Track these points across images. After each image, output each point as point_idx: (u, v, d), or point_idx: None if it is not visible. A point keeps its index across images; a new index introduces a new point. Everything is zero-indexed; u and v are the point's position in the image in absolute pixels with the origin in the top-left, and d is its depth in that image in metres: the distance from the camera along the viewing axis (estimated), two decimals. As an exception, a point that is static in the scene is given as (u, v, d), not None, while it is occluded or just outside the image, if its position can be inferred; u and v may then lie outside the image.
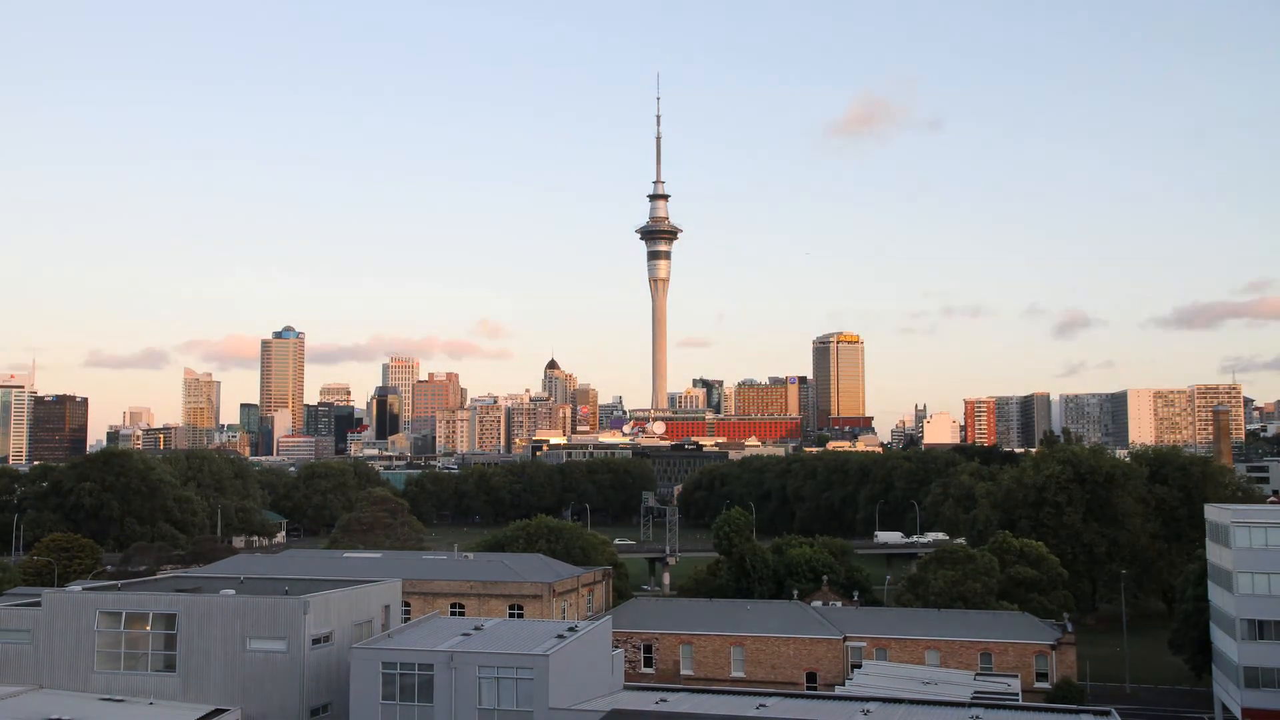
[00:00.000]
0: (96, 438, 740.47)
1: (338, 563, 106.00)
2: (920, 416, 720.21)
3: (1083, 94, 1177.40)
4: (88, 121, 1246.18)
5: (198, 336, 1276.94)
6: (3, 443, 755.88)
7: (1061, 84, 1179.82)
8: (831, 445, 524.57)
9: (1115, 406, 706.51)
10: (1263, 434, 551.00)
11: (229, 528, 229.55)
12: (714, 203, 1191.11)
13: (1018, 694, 77.10)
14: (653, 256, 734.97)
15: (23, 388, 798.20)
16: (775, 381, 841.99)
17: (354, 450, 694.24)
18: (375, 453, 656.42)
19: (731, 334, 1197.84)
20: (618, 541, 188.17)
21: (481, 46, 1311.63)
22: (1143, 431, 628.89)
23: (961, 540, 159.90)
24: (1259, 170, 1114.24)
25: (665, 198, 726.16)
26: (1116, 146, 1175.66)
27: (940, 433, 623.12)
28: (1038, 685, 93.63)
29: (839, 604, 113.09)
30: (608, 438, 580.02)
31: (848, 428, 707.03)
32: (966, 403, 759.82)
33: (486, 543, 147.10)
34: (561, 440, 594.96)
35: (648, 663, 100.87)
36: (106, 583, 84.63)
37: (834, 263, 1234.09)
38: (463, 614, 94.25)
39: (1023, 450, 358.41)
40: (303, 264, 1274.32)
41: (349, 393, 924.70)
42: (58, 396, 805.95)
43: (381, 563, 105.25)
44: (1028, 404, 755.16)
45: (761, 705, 60.22)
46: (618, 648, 75.41)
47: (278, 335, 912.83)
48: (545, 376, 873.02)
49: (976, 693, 73.42)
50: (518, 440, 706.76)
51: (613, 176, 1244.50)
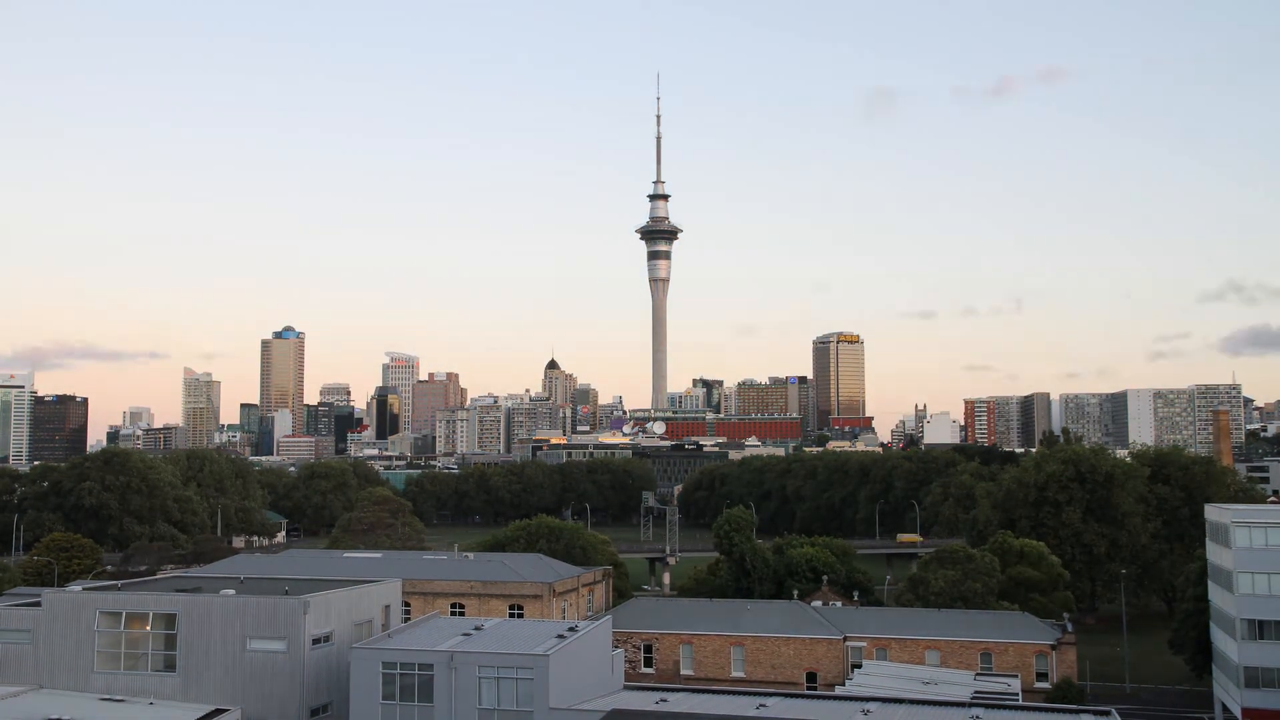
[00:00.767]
0: (96, 438, 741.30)
1: (338, 563, 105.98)
2: (920, 416, 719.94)
3: (1096, 86, 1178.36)
4: (88, 121, 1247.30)
5: (198, 336, 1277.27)
6: (3, 443, 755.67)
7: (1068, 79, 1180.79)
8: (831, 445, 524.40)
9: (1115, 406, 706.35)
10: (1263, 434, 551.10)
11: (229, 528, 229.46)
12: (714, 203, 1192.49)
13: (1018, 694, 77.06)
14: (653, 256, 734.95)
15: (23, 388, 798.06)
16: (775, 381, 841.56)
17: (354, 450, 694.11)
18: (375, 453, 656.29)
19: (731, 334, 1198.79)
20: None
21: (481, 46, 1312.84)
22: (1143, 431, 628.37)
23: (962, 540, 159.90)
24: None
25: (665, 198, 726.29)
26: (1120, 147, 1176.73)
27: (940, 433, 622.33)
28: (1038, 685, 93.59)
29: (839, 604, 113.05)
30: (608, 438, 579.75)
31: (848, 428, 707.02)
32: (966, 403, 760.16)
33: (486, 543, 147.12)
34: (561, 440, 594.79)
35: (648, 663, 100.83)
36: (106, 583, 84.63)
37: (834, 262, 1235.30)
38: (463, 614, 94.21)
39: (1023, 450, 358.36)
40: (303, 263, 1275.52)
41: (349, 393, 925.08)
42: (58, 396, 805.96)
43: (381, 563, 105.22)
44: (1028, 404, 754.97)
45: (761, 705, 60.19)
46: (618, 648, 75.40)
47: (278, 335, 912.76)
48: (545, 376, 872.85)
49: (976, 693, 73.38)
50: (518, 440, 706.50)
51: (613, 176, 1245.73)
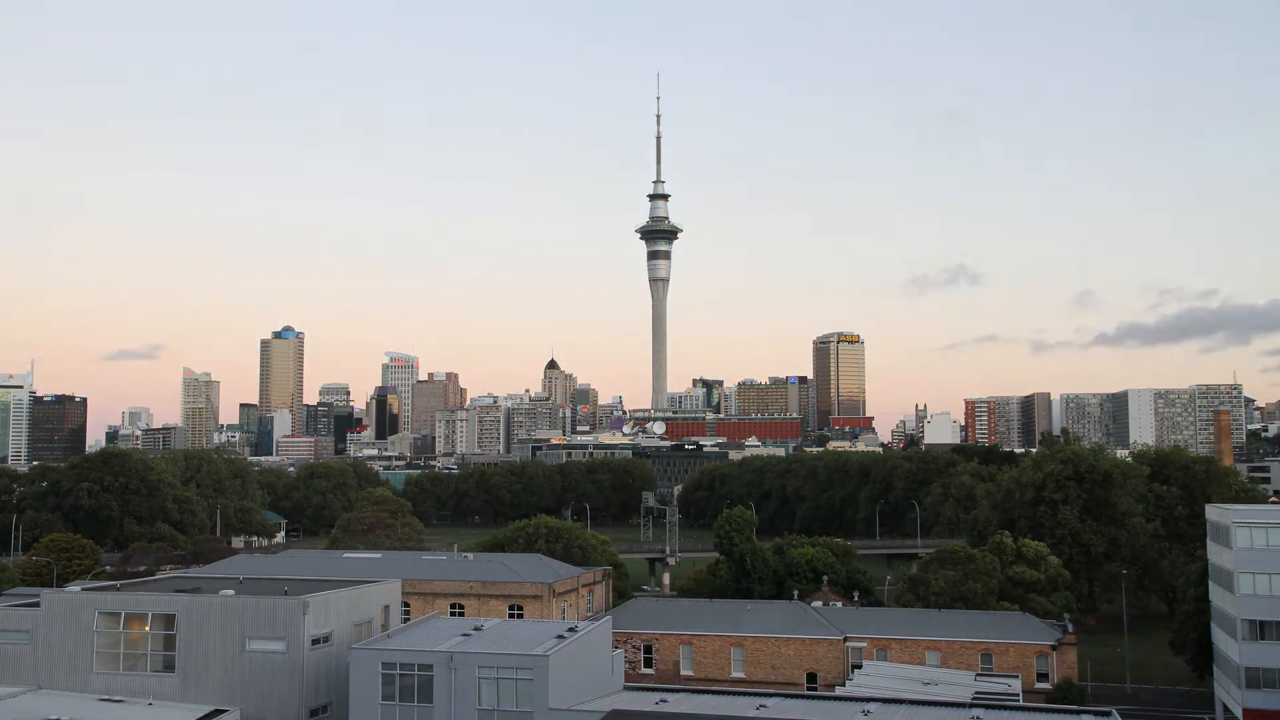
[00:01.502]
0: (96, 438, 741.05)
1: (337, 563, 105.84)
2: (920, 416, 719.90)
3: (1102, 92, 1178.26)
4: (87, 121, 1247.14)
5: (198, 336, 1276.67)
6: (2, 443, 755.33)
7: (1078, 83, 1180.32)
8: (831, 445, 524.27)
9: (1116, 406, 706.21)
10: (1264, 434, 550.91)
11: (228, 528, 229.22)
12: (714, 203, 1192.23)
13: (1018, 694, 76.85)
14: (653, 256, 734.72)
15: (22, 388, 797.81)
16: (775, 381, 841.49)
17: (353, 450, 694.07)
18: (375, 453, 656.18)
19: (731, 334, 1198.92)
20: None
21: (481, 46, 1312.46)
22: (1143, 431, 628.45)
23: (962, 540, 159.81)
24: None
25: (665, 198, 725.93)
26: (1122, 147, 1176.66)
27: (940, 433, 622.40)
28: (1038, 686, 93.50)
29: (839, 604, 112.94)
30: (608, 438, 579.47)
31: (848, 428, 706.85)
32: (966, 403, 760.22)
33: (486, 543, 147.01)
34: (561, 440, 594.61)
35: (648, 663, 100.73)
36: (105, 583, 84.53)
37: (835, 262, 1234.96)
38: (462, 614, 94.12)
39: (1023, 450, 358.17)
40: (303, 263, 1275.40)
41: (349, 393, 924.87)
42: (57, 396, 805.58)
43: (381, 563, 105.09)
44: (1028, 404, 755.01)
45: (762, 706, 60.06)
46: (618, 648, 75.28)
47: (278, 335, 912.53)
48: (545, 376, 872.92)
49: (977, 693, 73.21)
50: (517, 440, 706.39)
51: (613, 176, 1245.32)
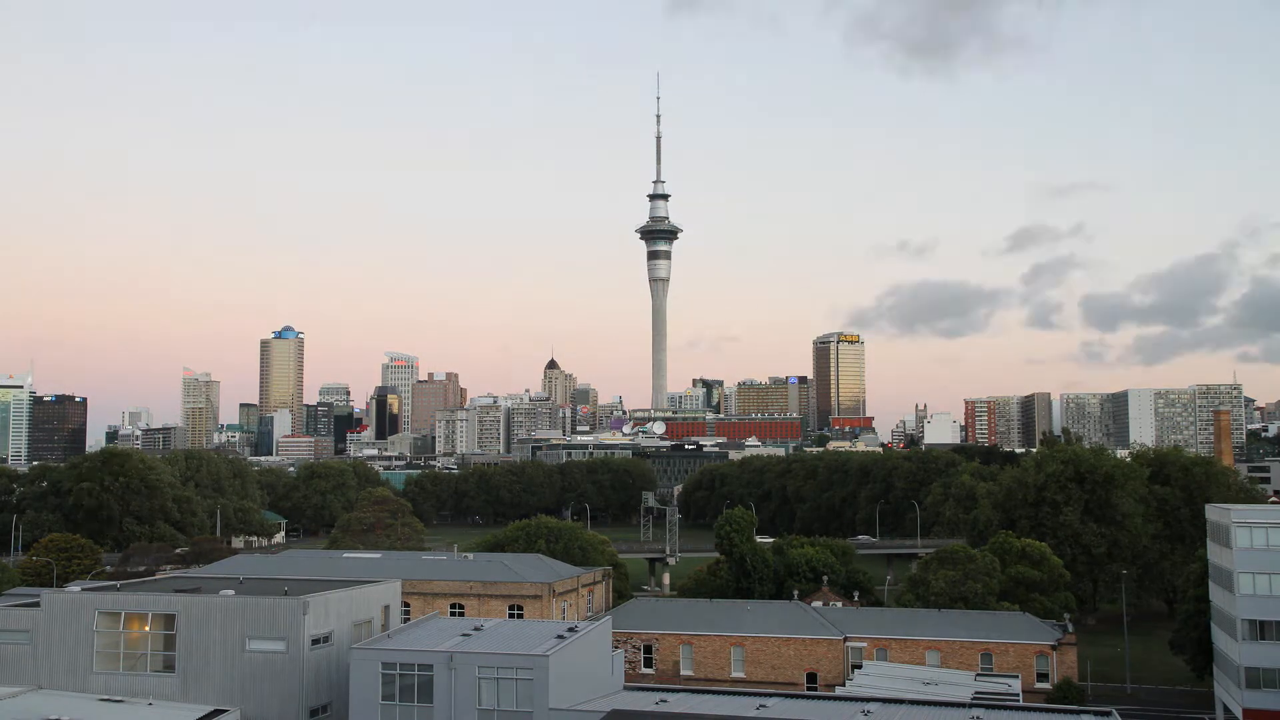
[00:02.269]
0: (96, 438, 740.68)
1: (337, 563, 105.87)
2: (920, 416, 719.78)
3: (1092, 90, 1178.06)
4: (87, 121, 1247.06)
5: (197, 336, 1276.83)
6: (2, 443, 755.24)
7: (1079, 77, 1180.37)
8: (832, 445, 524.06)
9: (1116, 406, 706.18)
10: (1264, 434, 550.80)
11: (228, 528, 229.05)
12: (714, 203, 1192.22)
13: (1018, 694, 76.87)
14: (653, 256, 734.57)
15: (22, 388, 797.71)
16: (775, 381, 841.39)
17: (353, 450, 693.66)
18: (375, 453, 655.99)
19: (732, 334, 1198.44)
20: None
21: (481, 45, 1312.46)
22: (1143, 431, 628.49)
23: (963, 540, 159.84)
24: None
25: (665, 198, 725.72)
26: (1120, 147, 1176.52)
27: (940, 433, 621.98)
28: (1038, 685, 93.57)
29: (839, 604, 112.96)
30: (608, 438, 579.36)
31: (848, 428, 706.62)
32: (966, 403, 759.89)
33: (486, 543, 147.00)
34: (561, 440, 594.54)
35: (648, 663, 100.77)
36: (105, 583, 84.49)
37: (835, 261, 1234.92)
38: (462, 614, 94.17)
39: (1023, 450, 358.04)
40: (303, 263, 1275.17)
41: (349, 393, 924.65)
42: (57, 396, 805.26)
43: (381, 563, 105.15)
44: (1028, 404, 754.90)
45: (762, 706, 60.00)
46: (618, 648, 75.28)
47: (278, 335, 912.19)
48: (545, 376, 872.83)
49: (977, 693, 73.21)
50: (517, 440, 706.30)
51: (613, 176, 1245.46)
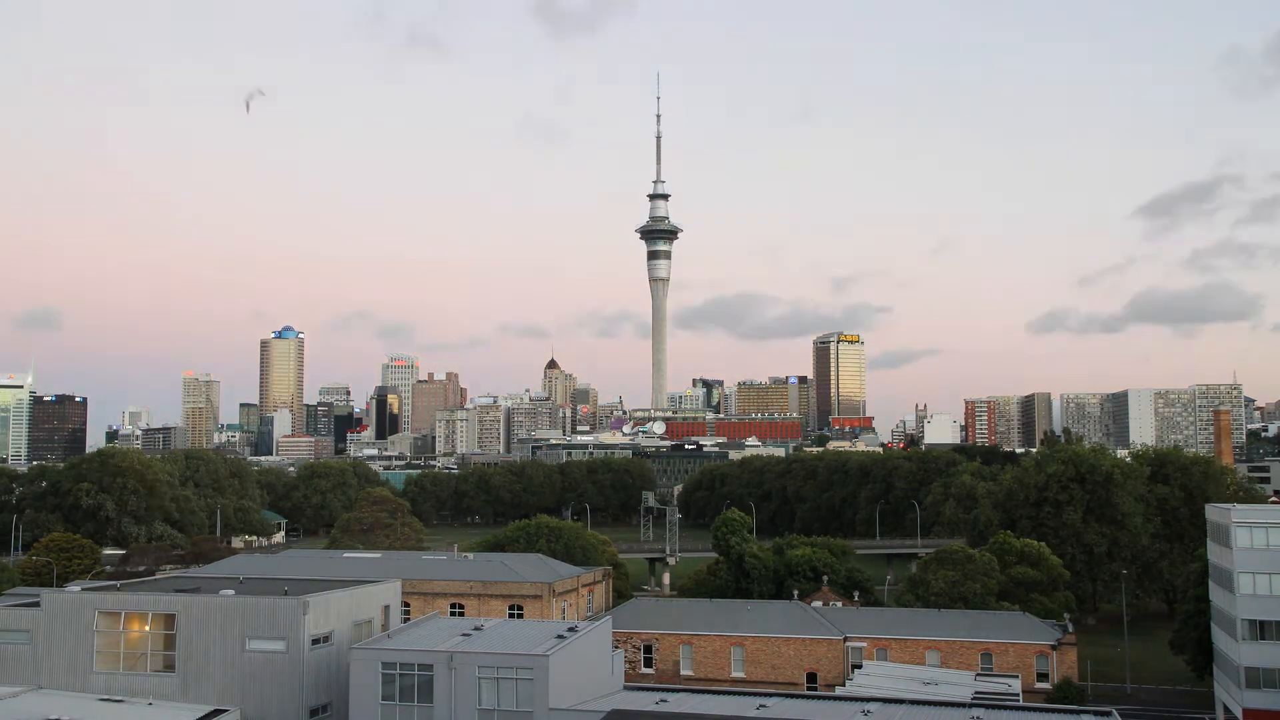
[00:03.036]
0: (95, 438, 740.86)
1: (337, 563, 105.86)
2: (920, 416, 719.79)
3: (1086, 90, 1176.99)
4: (87, 120, 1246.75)
5: (197, 336, 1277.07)
6: (2, 443, 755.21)
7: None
8: (832, 445, 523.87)
9: (1116, 406, 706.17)
10: (1264, 434, 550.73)
11: (228, 528, 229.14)
12: (714, 203, 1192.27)
13: (1018, 694, 76.90)
14: (653, 256, 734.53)
15: (22, 387, 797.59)
16: (775, 381, 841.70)
17: (353, 450, 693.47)
18: (375, 453, 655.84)
19: (732, 334, 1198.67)
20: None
21: (481, 45, 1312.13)
22: (1143, 431, 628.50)
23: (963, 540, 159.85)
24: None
25: (665, 197, 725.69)
26: (1118, 147, 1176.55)
27: (940, 433, 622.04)
28: (1038, 685, 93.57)
29: (839, 604, 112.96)
30: (608, 438, 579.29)
31: (848, 428, 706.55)
32: (966, 403, 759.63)
33: (486, 543, 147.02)
34: (561, 440, 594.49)
35: (648, 663, 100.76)
36: (105, 583, 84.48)
37: (835, 261, 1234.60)
38: (462, 614, 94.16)
39: (1023, 450, 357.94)
40: (303, 263, 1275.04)
41: (349, 393, 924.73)
42: (57, 396, 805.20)
43: (381, 563, 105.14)
44: (1028, 404, 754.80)
45: (762, 706, 59.98)
46: (618, 648, 75.26)
47: (278, 335, 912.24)
48: (545, 376, 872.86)
49: (977, 693, 73.22)
50: (517, 440, 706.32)
51: (613, 176, 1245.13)
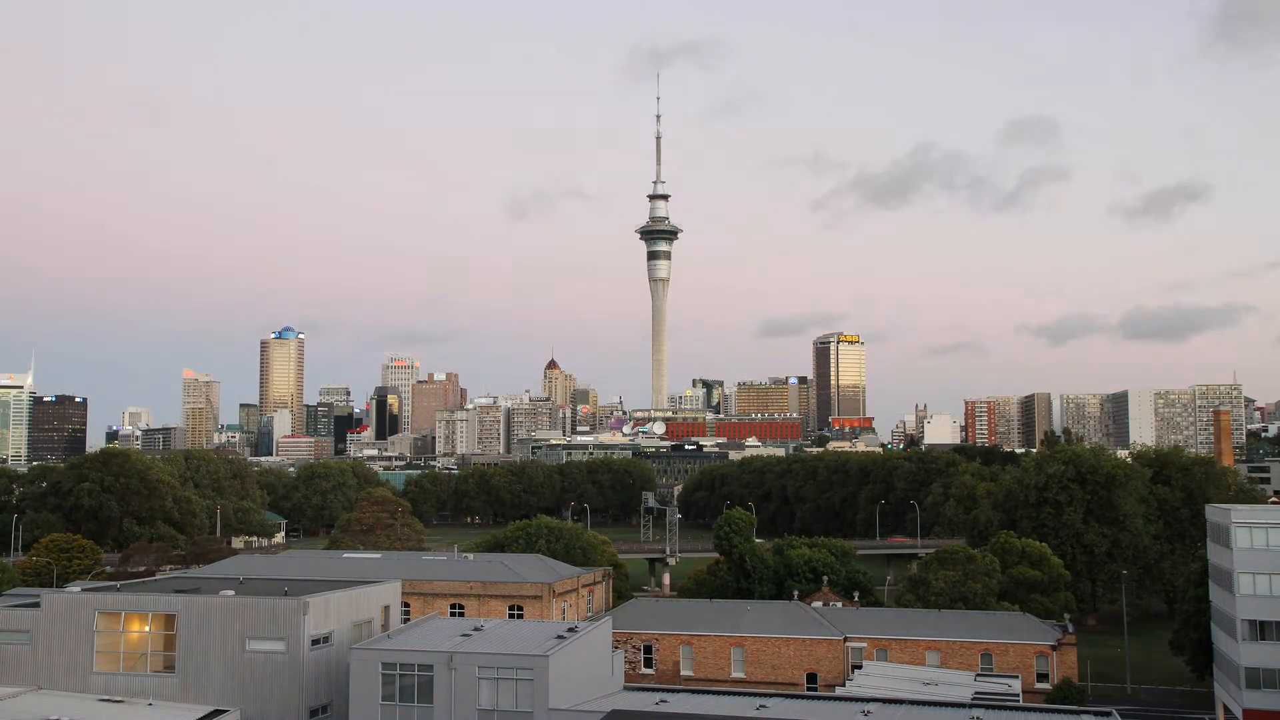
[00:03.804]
0: (95, 438, 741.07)
1: (337, 563, 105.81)
2: (920, 417, 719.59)
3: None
4: (86, 122, 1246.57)
5: (197, 336, 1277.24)
6: (2, 443, 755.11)
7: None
8: (832, 445, 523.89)
9: (1116, 407, 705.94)
10: (1264, 434, 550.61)
11: (228, 528, 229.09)
12: (714, 202, 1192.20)
13: (1018, 694, 76.90)
14: (653, 256, 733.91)
15: (22, 388, 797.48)
16: (775, 381, 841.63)
17: (353, 451, 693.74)
18: (375, 453, 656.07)
19: (732, 334, 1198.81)
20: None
21: (481, 45, 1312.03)
22: (1143, 432, 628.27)
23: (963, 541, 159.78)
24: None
25: (665, 198, 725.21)
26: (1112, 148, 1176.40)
27: (941, 433, 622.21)
28: (1038, 686, 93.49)
29: (839, 605, 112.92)
30: (608, 438, 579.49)
31: (848, 428, 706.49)
32: (966, 403, 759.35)
33: (486, 543, 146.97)
34: (561, 440, 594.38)
35: (648, 663, 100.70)
36: (106, 583, 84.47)
37: (835, 261, 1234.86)
38: (462, 614, 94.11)
39: (1023, 451, 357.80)
40: (303, 263, 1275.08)
41: (349, 393, 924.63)
42: (57, 397, 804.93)
43: (381, 563, 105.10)
44: (1028, 404, 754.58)
45: (762, 706, 59.98)
46: (618, 648, 75.23)
47: (278, 335, 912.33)
48: (545, 376, 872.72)
49: (977, 693, 73.20)
50: (517, 440, 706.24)
51: (613, 176, 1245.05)
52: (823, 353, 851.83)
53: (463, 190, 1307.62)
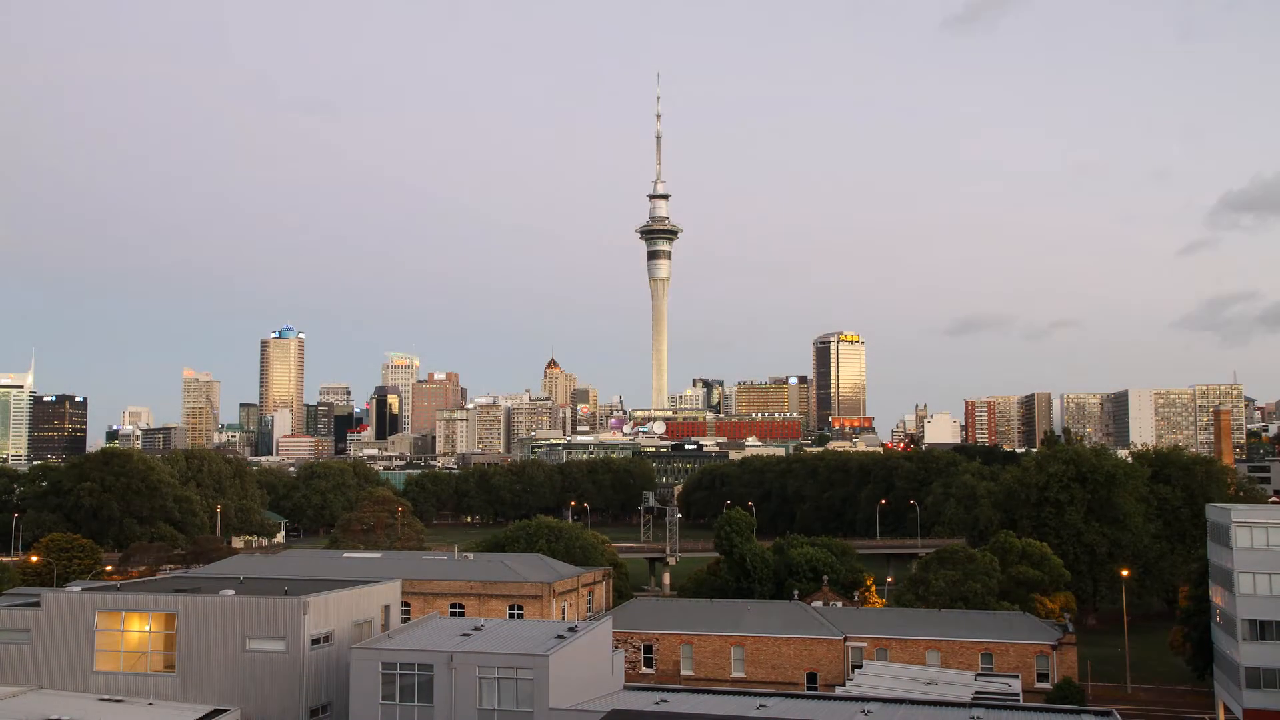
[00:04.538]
0: (95, 438, 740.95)
1: (338, 563, 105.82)
2: (921, 417, 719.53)
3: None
4: (86, 121, 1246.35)
5: (197, 336, 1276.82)
6: (2, 443, 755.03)
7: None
8: (832, 445, 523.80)
9: (1116, 406, 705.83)
10: (1264, 434, 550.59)
11: (228, 528, 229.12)
12: (714, 202, 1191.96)
13: (1018, 694, 76.83)
14: (653, 256, 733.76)
15: (22, 388, 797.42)
16: (775, 381, 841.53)
17: (354, 450, 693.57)
18: (375, 453, 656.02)
19: (732, 334, 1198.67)
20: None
21: (481, 45, 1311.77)
22: (1143, 431, 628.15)
23: (963, 540, 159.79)
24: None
25: (665, 197, 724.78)
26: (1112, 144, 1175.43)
27: (941, 433, 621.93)
28: (1039, 685, 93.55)
29: (839, 604, 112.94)
30: (608, 438, 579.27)
31: (848, 428, 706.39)
32: (967, 403, 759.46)
33: (486, 543, 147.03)
34: (561, 440, 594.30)
35: (648, 663, 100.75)
36: (106, 583, 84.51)
37: (835, 261, 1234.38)
38: (463, 614, 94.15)
39: (1024, 450, 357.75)
40: (303, 262, 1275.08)
41: (349, 393, 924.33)
42: (57, 396, 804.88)
43: (381, 563, 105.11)
44: (1028, 403, 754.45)
45: (762, 705, 59.95)
46: (618, 648, 75.19)
47: (278, 335, 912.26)
48: (545, 376, 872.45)
49: (977, 693, 73.17)
50: (517, 440, 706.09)
51: (613, 176, 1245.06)
52: (823, 352, 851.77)
53: (462, 189, 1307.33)
